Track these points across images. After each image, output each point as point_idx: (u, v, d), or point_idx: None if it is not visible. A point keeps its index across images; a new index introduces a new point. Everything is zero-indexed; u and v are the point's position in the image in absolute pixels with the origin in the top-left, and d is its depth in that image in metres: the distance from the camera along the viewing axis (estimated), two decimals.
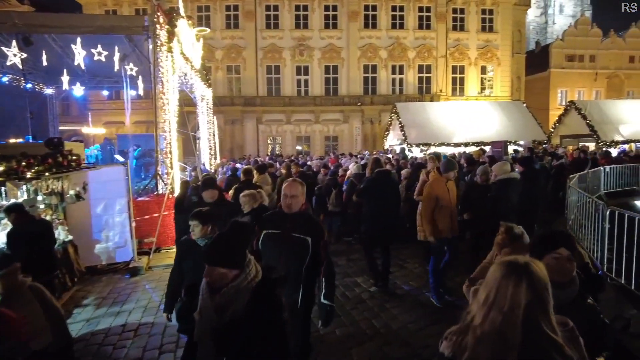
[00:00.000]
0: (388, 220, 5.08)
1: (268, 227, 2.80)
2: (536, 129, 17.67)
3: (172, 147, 7.43)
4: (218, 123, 29.16)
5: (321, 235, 2.81)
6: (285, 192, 2.80)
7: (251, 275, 1.85)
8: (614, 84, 38.12)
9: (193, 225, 2.91)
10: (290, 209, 2.77)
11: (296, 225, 2.73)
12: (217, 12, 29.02)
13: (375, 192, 5.10)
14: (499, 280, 1.34)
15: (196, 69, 12.38)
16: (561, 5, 70.57)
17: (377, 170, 5.19)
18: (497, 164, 5.38)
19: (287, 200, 2.77)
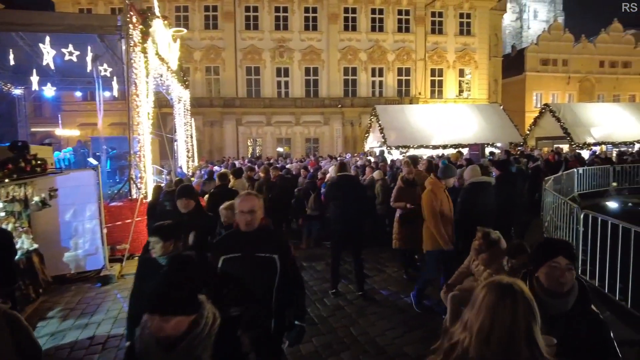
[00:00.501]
0: (352, 223, 5.02)
1: (226, 251, 2.47)
2: (513, 131, 18.01)
3: (146, 150, 7.21)
4: (197, 125, 28.78)
5: (288, 250, 2.59)
6: (240, 208, 2.48)
7: (210, 319, 1.55)
8: (585, 87, 39.33)
9: (153, 242, 2.61)
10: (250, 226, 2.46)
11: (259, 243, 2.44)
12: (196, 13, 28.62)
13: (337, 196, 5.07)
14: (494, 306, 1.30)
15: (173, 70, 12.12)
16: (535, 10, 72.52)
17: (338, 175, 5.14)
18: (467, 168, 5.39)
19: (245, 217, 2.45)
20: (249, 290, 2.32)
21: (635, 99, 38.33)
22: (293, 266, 2.59)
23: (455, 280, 3.77)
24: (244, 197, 2.58)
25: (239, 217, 2.49)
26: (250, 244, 2.43)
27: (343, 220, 5.01)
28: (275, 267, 2.43)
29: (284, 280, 2.46)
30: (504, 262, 3.32)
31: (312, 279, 5.78)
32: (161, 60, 10.22)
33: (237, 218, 2.51)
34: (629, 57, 39.72)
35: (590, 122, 18.52)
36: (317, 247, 7.19)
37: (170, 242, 2.63)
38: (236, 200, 2.56)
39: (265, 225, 2.60)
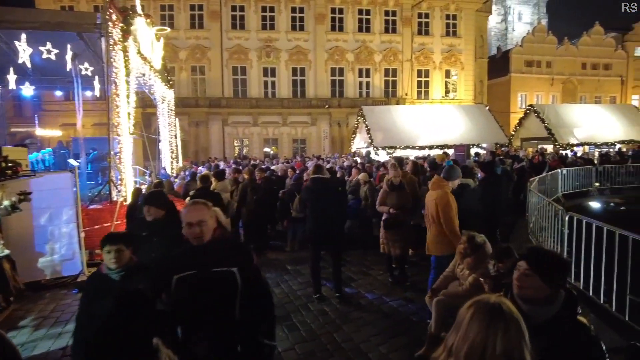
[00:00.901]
0: (328, 225, 4.93)
1: (179, 269, 2.15)
2: (498, 132, 18.17)
3: (125, 151, 7.00)
4: (182, 125, 28.44)
5: (250, 261, 2.30)
6: (187, 220, 2.17)
7: None
8: (568, 89, 39.99)
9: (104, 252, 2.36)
10: (200, 239, 2.17)
11: (215, 257, 2.16)
12: (181, 12, 28.28)
13: (311, 198, 4.98)
14: (483, 330, 1.21)
15: (156, 70, 11.88)
16: (520, 13, 73.55)
17: (312, 177, 5.06)
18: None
19: (194, 229, 2.15)
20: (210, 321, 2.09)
21: (616, 100, 39.13)
22: (257, 278, 2.31)
23: (440, 285, 3.71)
24: (190, 207, 2.26)
25: (186, 230, 2.18)
26: (204, 259, 2.15)
27: (319, 223, 4.93)
28: (236, 282, 2.14)
29: (247, 295, 2.18)
30: (490, 265, 3.27)
31: (296, 283, 5.68)
32: (143, 59, 10.00)
33: (184, 231, 2.20)
34: (610, 60, 40.52)
35: (574, 123, 18.80)
36: (302, 249, 7.06)
37: (123, 253, 2.39)
38: (182, 212, 2.23)
39: (221, 235, 2.30)
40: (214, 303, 2.10)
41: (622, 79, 41.40)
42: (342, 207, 5.10)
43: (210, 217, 2.21)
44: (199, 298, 2.09)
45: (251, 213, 6.69)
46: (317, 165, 5.22)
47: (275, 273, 6.12)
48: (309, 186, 5.03)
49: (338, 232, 5.11)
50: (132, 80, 9.06)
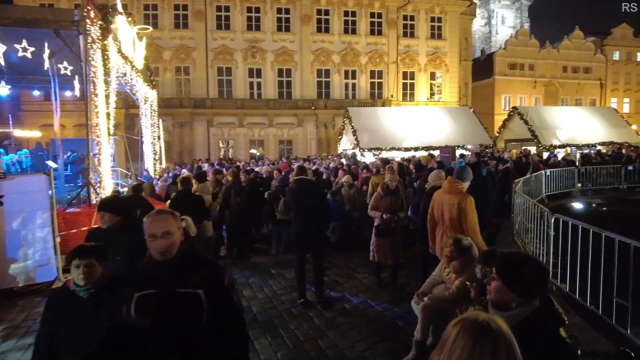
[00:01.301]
0: (312, 228, 4.80)
1: (139, 286, 1.89)
2: (483, 134, 18.33)
3: (104, 152, 6.78)
4: (166, 126, 28.02)
5: (220, 281, 1.99)
6: (151, 232, 1.90)
7: None
8: (550, 91, 40.77)
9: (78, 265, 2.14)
10: (165, 254, 1.90)
11: (179, 275, 1.90)
12: (165, 11, 27.91)
13: (295, 200, 4.86)
14: (469, 352, 1.11)
15: (138, 70, 11.62)
16: (503, 16, 74.73)
17: (295, 179, 4.93)
18: (432, 173, 5.27)
19: (158, 243, 1.89)
20: None
21: (596, 103, 40.02)
22: (227, 302, 2.00)
23: (426, 289, 3.64)
24: (154, 216, 1.98)
25: (149, 243, 1.92)
26: (168, 277, 1.88)
27: (303, 225, 4.81)
28: (201, 305, 1.87)
29: (214, 320, 1.89)
30: (476, 269, 3.21)
31: (280, 287, 5.55)
32: (124, 58, 9.76)
33: (148, 244, 1.93)
34: (590, 63, 41.49)
35: (556, 125, 19.08)
36: (287, 253, 6.94)
37: (94, 269, 2.16)
38: (145, 221, 1.96)
39: (189, 250, 2.01)
40: (177, 327, 1.85)
41: (602, 82, 42.38)
42: (326, 209, 4.99)
43: (177, 228, 1.96)
44: (160, 320, 1.83)
45: (234, 216, 6.55)
46: (300, 166, 5.10)
47: (259, 277, 5.99)
48: (292, 188, 4.91)
49: (322, 234, 4.99)
50: (112, 80, 8.83)
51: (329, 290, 5.26)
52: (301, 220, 4.80)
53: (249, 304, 4.99)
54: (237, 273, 6.16)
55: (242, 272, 6.20)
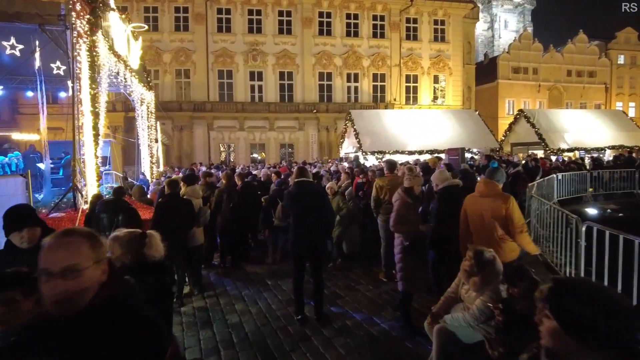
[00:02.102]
0: (311, 234, 4.32)
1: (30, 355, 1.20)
2: (489, 137, 17.87)
3: (87, 153, 6.35)
4: (165, 129, 27.70)
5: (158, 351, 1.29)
6: (44, 265, 1.22)
7: None
8: (554, 95, 40.43)
9: None
10: (63, 304, 1.21)
11: (87, 344, 1.18)
12: (166, 14, 27.65)
13: (295, 205, 4.38)
14: None
15: (133, 70, 11.24)
16: (506, 20, 74.50)
17: (297, 181, 4.46)
18: (435, 172, 4.82)
19: (52, 286, 1.20)
20: None
21: (601, 107, 39.54)
22: None
23: (441, 309, 3.15)
24: (54, 239, 1.26)
25: (41, 286, 1.21)
26: (69, 347, 1.17)
27: (302, 232, 4.33)
28: None
29: None
30: (501, 287, 2.73)
31: (275, 301, 5.06)
32: (117, 57, 9.36)
33: (39, 285, 1.22)
34: (594, 67, 41.16)
35: (564, 128, 18.61)
36: (284, 261, 6.48)
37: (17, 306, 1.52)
38: (42, 247, 1.26)
39: (109, 301, 1.27)
40: None
41: (606, 86, 42.04)
42: (329, 214, 4.49)
43: (92, 261, 1.25)
44: None
45: (226, 221, 6.08)
46: (301, 167, 4.58)
47: (253, 289, 5.51)
48: (291, 191, 4.43)
49: (323, 242, 4.52)
50: (103, 79, 8.45)
51: (328, 305, 4.77)
52: (300, 226, 4.33)
53: (240, 320, 4.51)
54: (230, 284, 5.68)
55: (235, 283, 5.72)
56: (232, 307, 4.88)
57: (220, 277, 6.01)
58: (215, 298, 5.16)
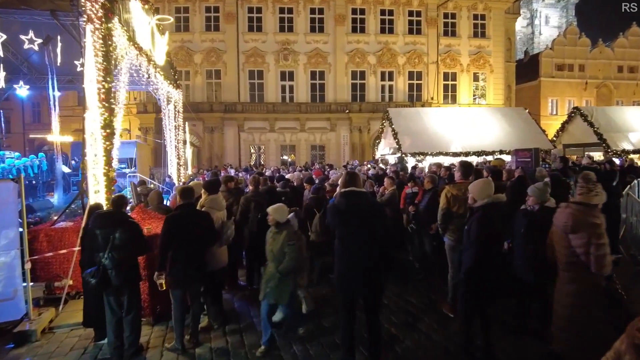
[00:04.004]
0: (365, 264, 3.21)
1: None
2: (541, 137, 16.19)
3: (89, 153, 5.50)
4: (196, 131, 27.40)
5: None
6: None
7: None
8: (602, 93, 37.95)
9: None
10: None
11: None
12: (197, 14, 27.35)
13: (342, 222, 3.29)
14: None
15: (157, 65, 10.52)
16: (547, 16, 70.88)
17: (344, 191, 3.34)
18: (474, 182, 3.61)
19: None
20: None
21: None
22: None
23: None
24: None
25: None
26: None
27: (352, 260, 3.23)
28: None
29: None
30: None
31: (315, 344, 3.96)
32: (139, 50, 8.61)
33: None
34: None
35: (628, 127, 16.67)
36: (323, 283, 5.42)
37: None
38: None
39: None
40: None
41: None
42: (388, 236, 3.35)
43: None
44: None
45: (254, 235, 5.08)
46: (351, 173, 3.39)
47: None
48: (337, 205, 3.30)
49: (380, 274, 3.29)
50: (122, 72, 7.70)
51: (387, 349, 3.65)
52: (348, 253, 3.23)
53: None
54: (255, 312, 4.64)
55: None
56: (260, 347, 3.85)
57: (247, 303, 5.01)
58: (239, 335, 4.16)
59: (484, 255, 3.25)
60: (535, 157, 7.14)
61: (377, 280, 3.27)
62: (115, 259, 3.42)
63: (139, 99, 26.57)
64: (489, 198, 3.33)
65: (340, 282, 3.30)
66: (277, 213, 3.98)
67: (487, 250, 3.26)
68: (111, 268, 3.41)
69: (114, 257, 3.41)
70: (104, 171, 5.36)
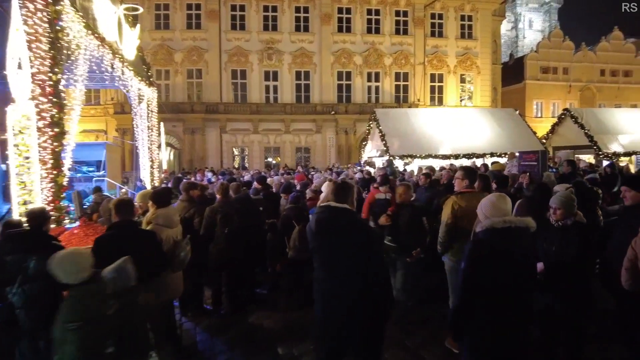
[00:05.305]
0: (353, 310, 2.38)
1: None
2: (532, 139, 15.77)
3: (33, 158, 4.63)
4: (177, 132, 26.37)
5: None
6: None
7: None
8: (586, 96, 38.31)
9: None
10: None
11: None
12: (177, 11, 26.43)
13: (315, 247, 2.51)
14: None
15: (125, 60, 9.64)
16: (530, 20, 71.65)
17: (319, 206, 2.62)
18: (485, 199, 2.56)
19: None
20: None
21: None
22: None
23: None
24: None
25: None
26: None
27: (335, 305, 2.41)
28: None
29: None
30: None
31: None
32: (101, 41, 7.74)
33: None
34: (630, 66, 39.13)
35: (618, 129, 16.37)
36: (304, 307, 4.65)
37: None
38: None
39: None
40: None
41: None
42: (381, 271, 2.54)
43: None
44: None
45: (222, 253, 4.29)
46: (341, 185, 2.59)
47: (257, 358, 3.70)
48: (310, 224, 2.55)
49: (375, 323, 2.42)
50: (79, 65, 6.84)
51: None
52: (333, 292, 2.41)
53: None
54: (224, 351, 3.83)
55: (232, 347, 3.90)
56: None
57: (212, 336, 4.20)
58: None
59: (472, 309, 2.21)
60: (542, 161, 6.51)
61: (370, 332, 2.41)
62: (28, 295, 2.60)
63: (116, 98, 25.41)
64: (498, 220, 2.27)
65: (321, 334, 2.47)
66: (59, 266, 2.25)
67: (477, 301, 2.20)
68: (20, 307, 2.59)
69: (24, 293, 2.59)
70: (52, 177, 4.49)
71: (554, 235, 2.81)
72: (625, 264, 2.45)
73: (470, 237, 3.07)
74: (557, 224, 2.83)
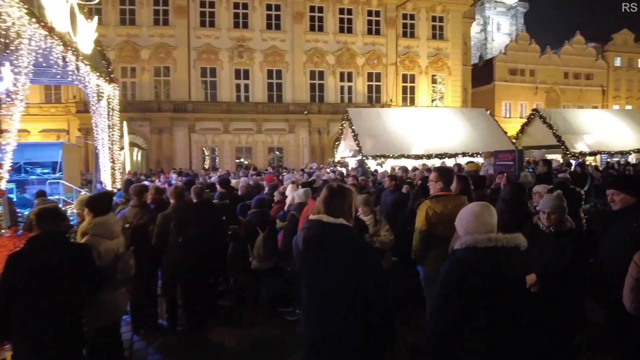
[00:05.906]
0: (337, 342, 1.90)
1: None
2: (503, 139, 15.92)
3: None
4: (143, 132, 25.36)
5: None
6: None
7: None
8: (551, 98, 39.69)
9: None
10: None
11: None
12: (144, 7, 25.40)
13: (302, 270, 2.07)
14: None
15: (82, 54, 8.95)
16: (498, 23, 73.53)
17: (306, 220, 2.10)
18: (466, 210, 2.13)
19: None
20: None
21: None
22: None
23: None
24: None
25: None
26: None
27: (317, 341, 1.95)
28: None
29: None
30: None
31: None
32: (49, 31, 7.09)
33: None
34: (591, 70, 40.94)
35: (584, 129, 16.78)
36: (270, 319, 4.27)
37: None
38: None
39: None
40: None
41: (603, 89, 41.58)
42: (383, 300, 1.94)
43: None
44: None
45: (177, 264, 3.85)
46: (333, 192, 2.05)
47: None
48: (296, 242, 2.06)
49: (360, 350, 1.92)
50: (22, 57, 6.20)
51: None
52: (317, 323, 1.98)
53: None
54: None
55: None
56: None
57: (166, 356, 3.76)
58: None
59: None
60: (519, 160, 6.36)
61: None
62: None
63: (78, 96, 24.17)
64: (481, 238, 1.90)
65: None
66: None
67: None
68: None
69: None
70: None
71: (546, 241, 2.55)
72: (630, 284, 2.14)
73: (448, 245, 2.75)
74: (549, 230, 2.57)
